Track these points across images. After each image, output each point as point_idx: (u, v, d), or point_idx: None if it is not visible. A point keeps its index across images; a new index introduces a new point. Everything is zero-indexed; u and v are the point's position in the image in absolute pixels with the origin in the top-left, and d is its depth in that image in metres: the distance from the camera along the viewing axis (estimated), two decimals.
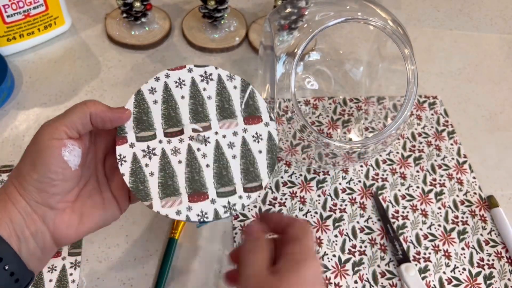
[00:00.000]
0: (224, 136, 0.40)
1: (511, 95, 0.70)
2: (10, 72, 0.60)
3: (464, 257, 0.53)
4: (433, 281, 0.51)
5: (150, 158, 0.38)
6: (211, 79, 0.41)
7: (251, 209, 0.54)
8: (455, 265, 0.52)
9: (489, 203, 0.57)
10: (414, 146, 0.62)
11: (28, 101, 0.61)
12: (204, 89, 0.41)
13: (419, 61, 0.52)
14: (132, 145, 0.38)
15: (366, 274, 0.51)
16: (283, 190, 0.56)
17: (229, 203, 0.38)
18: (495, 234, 0.55)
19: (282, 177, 0.57)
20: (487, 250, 0.54)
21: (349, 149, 0.50)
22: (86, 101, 0.37)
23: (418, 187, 0.58)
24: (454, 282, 0.51)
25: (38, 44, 0.66)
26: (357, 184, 0.58)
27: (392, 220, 0.55)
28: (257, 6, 0.77)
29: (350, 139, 0.62)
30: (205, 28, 0.70)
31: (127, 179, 0.37)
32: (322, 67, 0.67)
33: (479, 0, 0.85)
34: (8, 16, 0.60)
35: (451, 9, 0.82)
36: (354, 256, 0.52)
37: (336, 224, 0.54)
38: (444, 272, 0.52)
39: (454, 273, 0.52)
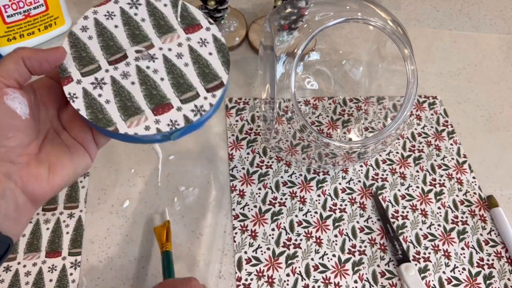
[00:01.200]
0: (169, 50, 0.40)
1: (511, 95, 0.70)
2: None
3: (464, 257, 0.53)
4: (432, 281, 0.51)
5: (101, 88, 0.38)
6: (139, 4, 0.41)
7: (251, 209, 0.54)
8: (454, 265, 0.52)
9: (489, 203, 0.57)
10: (414, 146, 0.62)
11: None
12: (136, 14, 0.41)
13: (418, 61, 0.53)
14: (79, 82, 0.37)
15: (366, 274, 0.51)
16: (283, 190, 0.56)
17: (196, 106, 0.38)
18: (495, 234, 0.55)
19: (282, 177, 0.57)
20: (486, 250, 0.54)
21: (349, 149, 0.50)
22: (16, 48, 0.36)
23: (418, 187, 0.58)
24: (454, 282, 0.51)
25: (38, 44, 0.66)
26: (357, 184, 0.58)
27: (392, 220, 0.55)
28: (257, 6, 0.77)
29: (350, 139, 0.62)
30: None
31: (83, 112, 0.36)
32: (322, 67, 0.68)
33: (478, 0, 0.85)
34: (8, 16, 0.60)
35: (451, 9, 0.82)
36: (354, 256, 0.52)
37: (336, 224, 0.54)
38: (443, 272, 0.52)
39: (454, 273, 0.52)
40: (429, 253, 0.53)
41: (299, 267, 0.51)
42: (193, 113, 0.38)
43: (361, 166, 0.59)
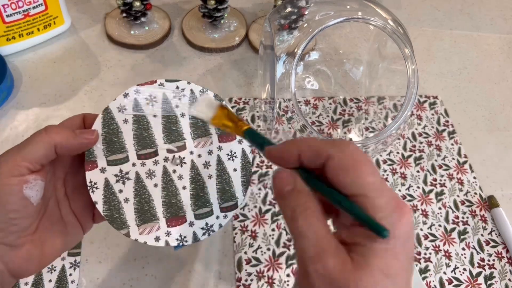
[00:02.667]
0: (199, 156, 0.38)
1: (511, 95, 0.70)
2: (9, 72, 0.60)
3: (465, 258, 0.53)
4: (433, 281, 0.51)
5: (123, 183, 0.36)
6: (184, 95, 0.39)
7: (251, 209, 0.54)
8: (455, 265, 0.52)
9: (490, 203, 0.57)
10: (414, 146, 0.62)
11: (28, 101, 0.61)
12: (177, 106, 0.38)
13: (419, 61, 0.52)
14: (103, 170, 0.35)
15: None
16: None
17: (206, 224, 0.37)
18: (496, 234, 0.55)
19: None
20: (487, 250, 0.54)
21: None
22: (48, 128, 0.33)
23: (418, 187, 0.58)
24: (455, 282, 0.51)
25: (37, 44, 0.66)
26: None
27: None
28: (257, 6, 0.77)
29: (351, 139, 0.62)
30: (205, 28, 0.70)
31: (100, 207, 0.35)
32: (322, 67, 0.67)
33: (479, 0, 0.85)
34: (7, 16, 0.60)
35: (451, 9, 0.82)
36: None
37: None
38: (444, 273, 0.52)
39: (455, 273, 0.52)
40: (430, 253, 0.53)
41: None
42: (202, 231, 0.37)
43: None
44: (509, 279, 0.52)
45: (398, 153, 0.61)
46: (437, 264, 0.52)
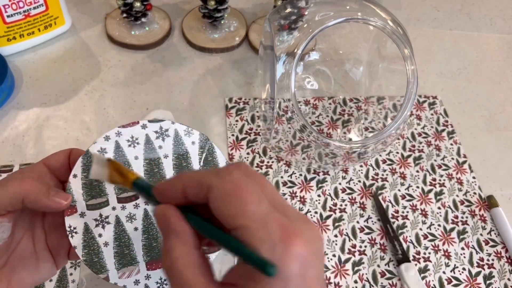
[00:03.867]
0: None
1: (511, 95, 0.70)
2: (10, 72, 0.60)
3: (464, 257, 0.53)
4: (433, 281, 0.51)
5: (103, 227, 0.35)
6: (167, 135, 0.38)
7: None
8: (455, 265, 0.52)
9: (489, 203, 0.57)
10: (414, 146, 0.62)
11: (28, 101, 0.61)
12: (160, 147, 0.37)
13: (419, 61, 0.52)
14: (82, 215, 0.35)
15: (366, 274, 0.51)
16: (283, 190, 0.56)
17: None
18: (495, 234, 0.55)
19: (282, 177, 0.57)
20: (486, 250, 0.54)
21: (349, 149, 0.50)
22: (24, 175, 0.32)
23: (418, 187, 0.58)
24: (454, 282, 0.51)
25: (38, 44, 0.66)
26: (357, 184, 0.58)
27: (392, 220, 0.55)
28: (257, 6, 0.77)
29: (350, 139, 0.62)
30: (205, 28, 0.70)
31: (79, 251, 0.34)
32: (322, 67, 0.67)
33: (479, 0, 0.85)
34: (8, 16, 0.60)
35: (451, 9, 0.82)
36: (354, 256, 0.52)
37: (336, 224, 0.54)
38: (444, 272, 0.52)
39: (454, 273, 0.52)
40: (429, 253, 0.53)
41: None
42: None
43: (361, 166, 0.59)
44: (508, 279, 0.52)
45: (397, 153, 0.61)
46: (436, 263, 0.52)
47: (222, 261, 0.50)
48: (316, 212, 0.55)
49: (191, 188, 0.25)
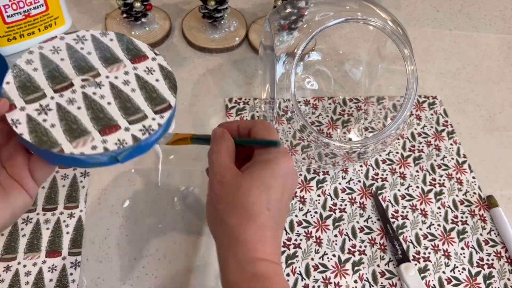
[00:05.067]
0: (116, 77, 0.40)
1: (511, 95, 0.70)
2: None
3: (464, 257, 0.53)
4: (432, 280, 0.51)
5: (46, 113, 0.37)
6: (85, 39, 0.42)
7: None
8: (454, 264, 0.52)
9: (489, 203, 0.57)
10: (413, 146, 0.62)
11: None
12: (82, 48, 0.41)
13: (418, 61, 0.53)
14: (22, 109, 0.37)
15: (366, 273, 0.51)
16: None
17: (144, 126, 0.38)
18: (495, 234, 0.55)
19: None
20: (486, 250, 0.54)
21: (349, 149, 0.50)
22: None
23: (417, 187, 0.58)
24: (454, 281, 0.51)
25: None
26: (356, 184, 0.58)
27: (392, 220, 0.55)
28: (257, 6, 0.77)
29: (350, 139, 0.62)
30: (205, 28, 0.70)
31: (26, 136, 0.35)
32: (322, 67, 0.68)
33: (478, 0, 0.85)
34: (8, 16, 0.60)
35: (451, 9, 0.82)
36: (354, 255, 0.52)
37: (336, 224, 0.54)
38: (443, 272, 0.52)
39: (454, 272, 0.52)
40: (429, 253, 0.53)
41: (299, 267, 0.51)
42: (141, 132, 0.38)
43: (361, 166, 0.59)
44: (508, 279, 0.52)
45: (397, 153, 0.61)
46: (436, 263, 0.52)
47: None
48: (316, 212, 0.55)
49: (243, 123, 0.43)
